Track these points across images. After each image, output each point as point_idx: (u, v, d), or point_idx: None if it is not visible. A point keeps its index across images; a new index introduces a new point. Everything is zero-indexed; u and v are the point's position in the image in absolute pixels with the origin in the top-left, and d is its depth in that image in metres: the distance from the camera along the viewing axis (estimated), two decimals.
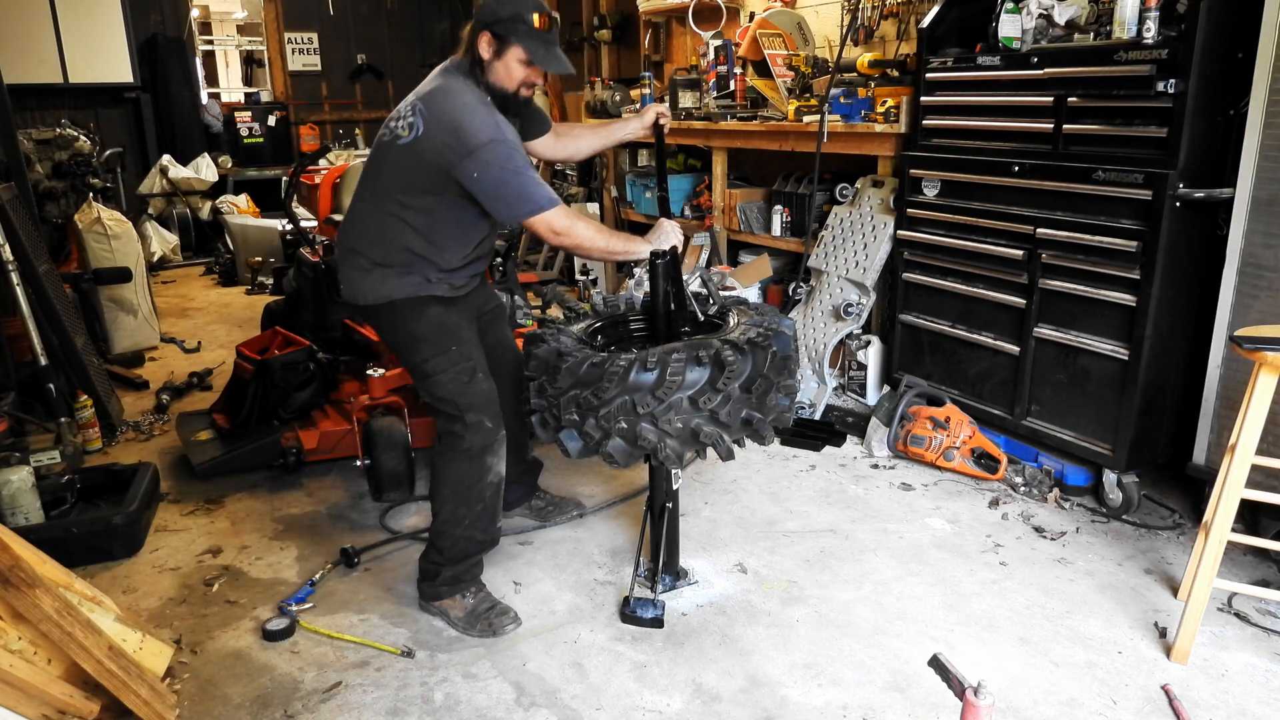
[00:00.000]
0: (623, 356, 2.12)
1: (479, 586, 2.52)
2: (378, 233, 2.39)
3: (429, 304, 2.41)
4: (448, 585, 2.48)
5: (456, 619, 2.46)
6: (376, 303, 2.41)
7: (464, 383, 2.39)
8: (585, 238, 2.32)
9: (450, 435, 2.41)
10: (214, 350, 5.18)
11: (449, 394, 2.38)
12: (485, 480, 2.43)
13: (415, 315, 2.40)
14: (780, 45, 4.47)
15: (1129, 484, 2.97)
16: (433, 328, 2.40)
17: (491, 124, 2.27)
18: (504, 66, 2.33)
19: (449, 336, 2.41)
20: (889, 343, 3.80)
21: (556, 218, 2.28)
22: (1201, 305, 2.85)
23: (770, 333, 2.22)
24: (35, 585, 1.84)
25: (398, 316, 2.41)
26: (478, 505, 2.44)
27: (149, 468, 3.21)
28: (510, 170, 2.25)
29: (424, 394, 2.46)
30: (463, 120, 2.25)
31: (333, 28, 9.12)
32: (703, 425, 2.13)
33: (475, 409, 2.39)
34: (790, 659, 2.31)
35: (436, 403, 2.42)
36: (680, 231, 2.40)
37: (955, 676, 1.39)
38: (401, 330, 2.43)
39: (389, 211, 2.37)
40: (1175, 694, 2.15)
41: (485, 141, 2.23)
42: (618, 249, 2.39)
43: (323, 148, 7.48)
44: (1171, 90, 2.63)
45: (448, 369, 2.38)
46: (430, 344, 2.39)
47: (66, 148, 6.32)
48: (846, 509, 3.12)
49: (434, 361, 2.38)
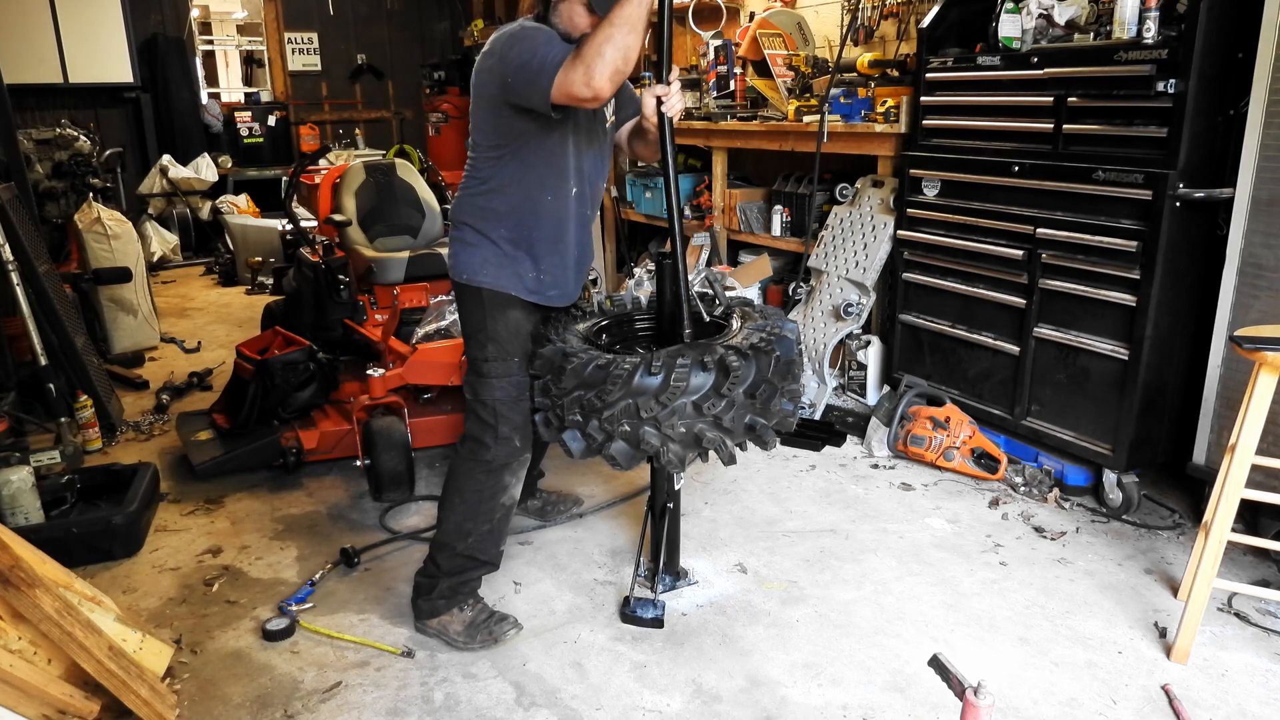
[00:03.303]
0: (627, 359, 2.12)
1: (476, 598, 2.46)
2: (469, 204, 2.34)
3: (514, 305, 2.34)
4: (444, 598, 2.41)
5: (456, 634, 2.39)
6: (468, 282, 2.34)
7: (512, 397, 2.33)
8: (609, 55, 1.96)
9: (476, 443, 2.35)
10: (214, 350, 5.18)
11: (494, 400, 2.32)
12: (498, 500, 2.38)
13: (497, 311, 2.33)
14: (780, 45, 4.47)
15: (1129, 484, 2.98)
16: (509, 331, 2.33)
17: (520, 30, 2.16)
18: (568, 10, 2.19)
19: (517, 345, 2.35)
20: (889, 343, 3.80)
21: (569, 71, 2.00)
22: (1201, 305, 2.85)
23: (774, 337, 2.22)
24: (35, 585, 1.84)
25: (481, 305, 2.34)
26: (485, 525, 2.38)
27: (149, 468, 3.21)
28: (529, 46, 2.09)
29: (468, 389, 2.39)
30: (498, 45, 2.17)
31: (333, 28, 9.11)
32: (706, 430, 2.12)
33: (511, 425, 2.33)
34: (790, 659, 2.31)
35: (477, 404, 2.35)
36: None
37: (955, 676, 1.39)
38: (478, 319, 2.35)
39: (475, 178, 2.33)
40: (1175, 694, 2.15)
41: (513, 42, 2.12)
42: (635, 19, 1.99)
43: (323, 148, 7.48)
44: (1171, 90, 2.63)
45: (504, 377, 2.32)
46: (498, 345, 2.33)
47: (66, 148, 6.32)
48: (846, 509, 3.12)
49: (494, 365, 2.32)
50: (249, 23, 11.08)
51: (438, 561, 2.41)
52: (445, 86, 8.76)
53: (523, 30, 2.16)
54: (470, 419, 2.38)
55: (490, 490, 2.36)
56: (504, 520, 2.42)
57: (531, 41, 2.10)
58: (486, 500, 2.36)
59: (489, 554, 2.44)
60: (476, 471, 2.35)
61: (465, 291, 2.37)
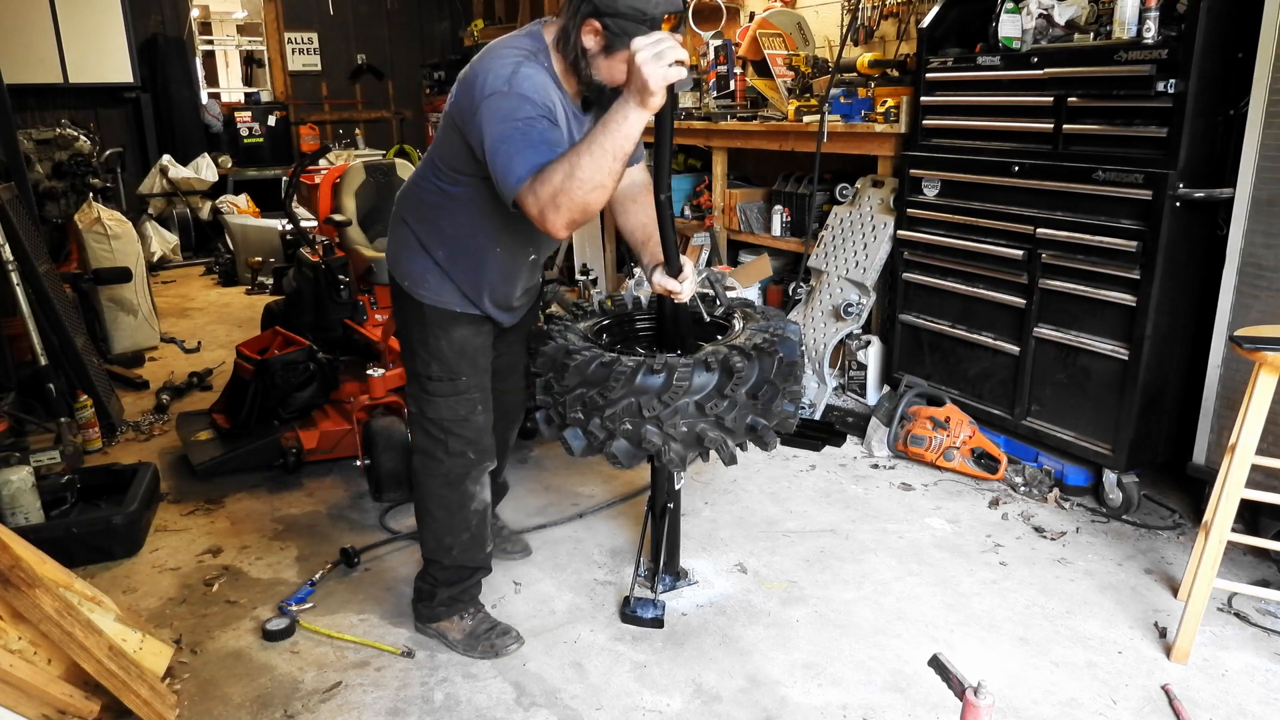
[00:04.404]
0: (630, 358, 2.12)
1: (477, 607, 2.42)
2: (417, 203, 2.17)
3: (459, 323, 2.19)
4: (445, 606, 2.38)
5: (455, 641, 2.36)
6: (409, 292, 2.18)
7: (460, 415, 2.21)
8: (564, 208, 1.70)
9: (427, 456, 2.26)
10: (214, 350, 5.17)
11: (440, 418, 2.21)
12: (469, 508, 2.29)
13: (440, 329, 2.17)
14: (780, 45, 4.47)
15: (1129, 484, 2.97)
16: (453, 351, 2.18)
17: (508, 73, 1.82)
18: (609, 66, 1.90)
19: (465, 363, 2.20)
20: (889, 343, 3.80)
21: (529, 192, 1.73)
22: (1201, 305, 2.85)
23: (777, 338, 2.22)
24: (35, 585, 1.84)
25: (423, 321, 2.18)
26: (464, 534, 2.30)
27: (149, 468, 3.21)
28: (504, 129, 1.77)
29: (412, 404, 2.28)
30: (482, 69, 1.88)
31: (333, 28, 9.11)
32: (708, 430, 2.12)
33: (461, 439, 2.22)
34: (790, 659, 2.31)
35: (423, 420, 2.23)
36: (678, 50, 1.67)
37: (955, 676, 1.39)
38: (418, 335, 2.19)
39: (431, 183, 2.13)
40: (1175, 694, 2.15)
41: (489, 94, 1.81)
42: (610, 140, 1.69)
43: (323, 148, 7.48)
44: (1171, 90, 2.63)
45: (449, 395, 2.20)
46: (442, 364, 2.18)
47: (66, 148, 6.31)
48: (846, 509, 3.12)
49: (437, 384, 2.19)
50: (249, 23, 11.08)
51: (431, 571, 2.38)
52: (445, 86, 8.75)
53: (497, 63, 1.86)
54: (418, 433, 2.26)
55: (456, 502, 2.28)
56: (481, 524, 2.34)
57: (509, 114, 1.78)
58: (456, 512, 2.28)
59: (477, 559, 2.38)
60: (436, 485, 2.26)
61: (407, 300, 2.19)
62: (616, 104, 1.69)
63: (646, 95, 1.65)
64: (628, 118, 1.67)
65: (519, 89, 1.81)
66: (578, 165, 1.68)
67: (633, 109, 1.67)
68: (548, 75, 1.92)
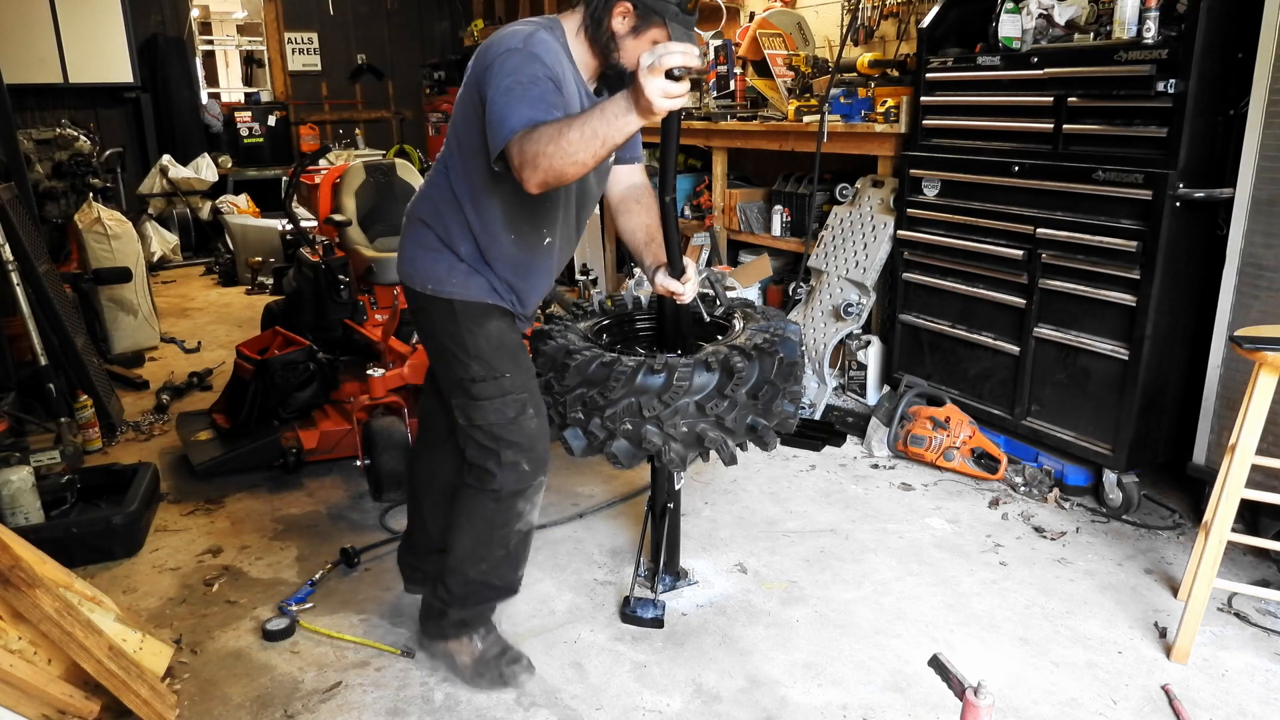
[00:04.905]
0: (631, 358, 2.12)
1: (489, 627, 2.26)
2: (433, 202, 2.07)
3: (492, 315, 2.05)
4: (455, 627, 2.22)
5: (463, 666, 2.22)
6: (434, 293, 2.05)
7: (510, 417, 2.04)
8: (550, 142, 1.65)
9: (479, 471, 2.09)
10: (214, 350, 5.17)
11: (488, 424, 2.04)
12: (512, 526, 2.13)
13: (474, 324, 2.03)
14: (780, 45, 4.47)
15: (1129, 484, 2.97)
16: (491, 345, 2.04)
17: (525, 33, 1.84)
18: (635, 47, 1.89)
19: (506, 359, 2.05)
20: (889, 343, 3.80)
21: (515, 143, 1.70)
22: (1201, 305, 2.85)
23: (777, 338, 2.22)
24: (35, 585, 1.84)
25: (454, 320, 2.04)
26: (499, 550, 2.14)
27: (149, 468, 3.21)
28: (509, 82, 1.77)
29: (460, 415, 2.09)
30: (497, 36, 1.87)
31: (333, 28, 9.11)
32: (708, 430, 2.12)
33: (515, 448, 2.05)
34: (790, 659, 2.31)
35: (471, 429, 2.07)
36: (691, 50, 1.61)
37: (955, 676, 1.39)
38: (452, 336, 2.05)
39: (445, 179, 2.06)
40: (1175, 694, 2.15)
41: (502, 51, 1.81)
42: (600, 126, 1.64)
43: (323, 148, 7.48)
44: (1171, 90, 2.63)
45: (495, 397, 2.03)
46: (483, 363, 2.03)
47: (66, 148, 6.31)
48: (846, 509, 3.12)
49: (481, 385, 2.03)
50: (249, 23, 11.08)
51: (449, 586, 2.20)
52: (445, 86, 8.77)
53: (512, 31, 1.88)
54: (469, 446, 2.11)
55: (501, 519, 2.12)
56: (521, 545, 2.19)
57: (516, 69, 1.79)
58: (499, 527, 2.13)
59: (506, 579, 2.22)
60: (484, 500, 2.11)
61: (431, 304, 2.07)
62: (621, 96, 1.64)
63: (646, 112, 1.62)
64: (625, 117, 1.64)
65: (532, 48, 1.82)
66: (565, 137, 1.65)
67: (632, 115, 1.63)
68: (563, 50, 1.91)
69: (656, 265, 2.15)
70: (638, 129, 1.69)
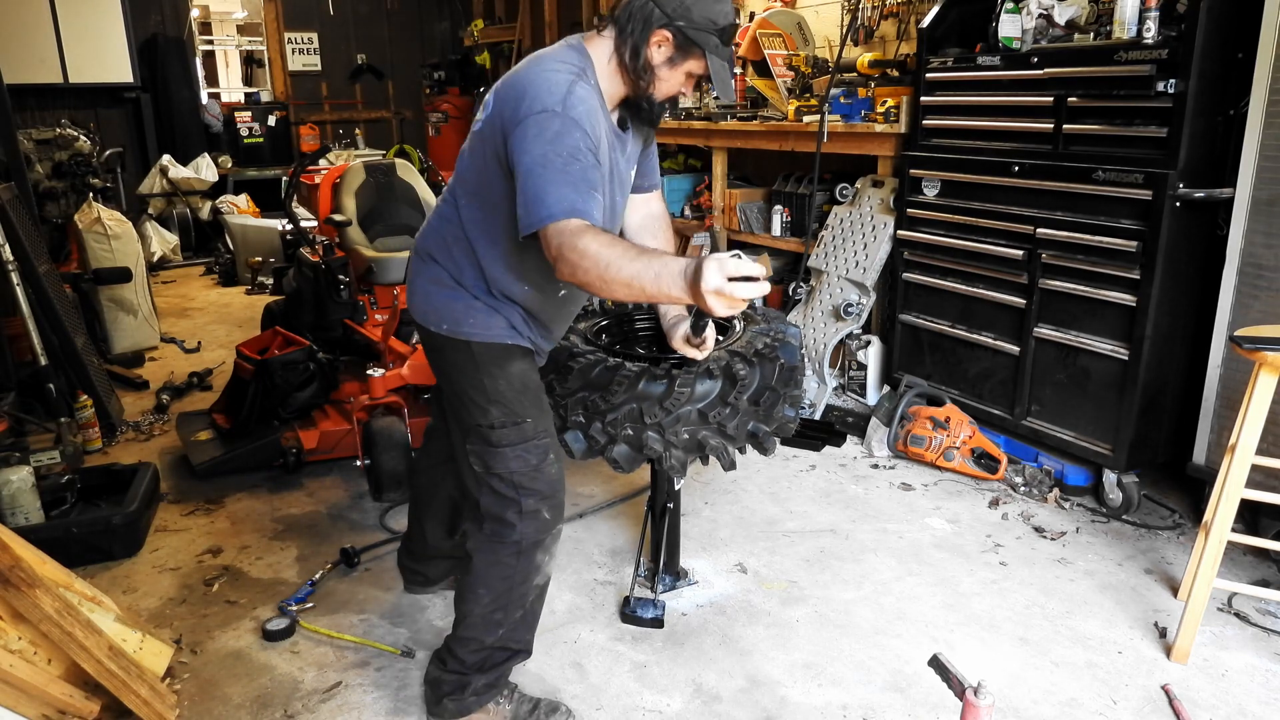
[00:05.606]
0: (634, 364, 2.12)
1: (510, 687, 2.11)
2: (444, 239, 1.95)
3: (514, 356, 1.93)
4: (477, 696, 2.05)
5: None
6: (450, 334, 1.93)
7: (532, 464, 1.92)
8: (595, 264, 1.57)
9: (498, 522, 1.95)
10: (214, 350, 5.17)
11: (509, 472, 1.91)
12: (531, 581, 2.00)
13: (495, 368, 1.90)
14: (780, 45, 4.47)
15: (1129, 484, 2.98)
16: (513, 389, 1.91)
17: (562, 91, 1.69)
18: (670, 76, 1.82)
19: (529, 403, 1.93)
20: (889, 343, 3.80)
21: (556, 233, 1.62)
22: (1201, 305, 2.85)
23: (778, 343, 2.21)
24: (35, 585, 1.84)
25: (473, 362, 1.91)
26: (517, 611, 2.01)
27: (149, 468, 3.21)
28: (547, 153, 1.65)
29: (476, 462, 1.95)
30: (530, 80, 1.74)
31: (333, 28, 9.12)
32: (709, 437, 2.12)
33: (537, 496, 1.93)
34: (790, 659, 2.31)
35: (490, 478, 1.93)
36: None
37: (955, 676, 1.39)
38: (470, 380, 1.92)
39: (455, 214, 1.94)
40: (1175, 694, 2.15)
41: (539, 110, 1.68)
42: (646, 282, 1.56)
43: (323, 148, 7.48)
44: (1171, 90, 2.63)
45: (517, 443, 1.90)
46: (503, 408, 1.90)
47: (66, 148, 6.31)
48: (846, 509, 3.12)
49: (501, 432, 1.90)
50: (249, 23, 11.08)
51: (460, 655, 2.03)
52: (445, 86, 8.76)
53: (549, 78, 1.73)
54: (485, 494, 1.96)
55: (521, 575, 1.98)
56: (538, 601, 2.07)
57: (556, 138, 1.66)
58: (518, 586, 1.99)
59: (523, 642, 2.09)
60: (504, 555, 1.96)
61: (448, 344, 1.94)
62: (680, 270, 1.53)
63: (697, 300, 1.52)
64: (672, 291, 1.54)
65: (571, 112, 1.69)
66: (611, 271, 1.57)
67: (682, 294, 1.54)
68: (597, 97, 1.80)
69: (675, 316, 2.10)
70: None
